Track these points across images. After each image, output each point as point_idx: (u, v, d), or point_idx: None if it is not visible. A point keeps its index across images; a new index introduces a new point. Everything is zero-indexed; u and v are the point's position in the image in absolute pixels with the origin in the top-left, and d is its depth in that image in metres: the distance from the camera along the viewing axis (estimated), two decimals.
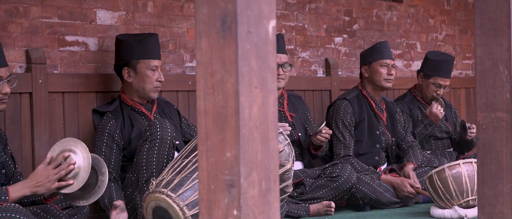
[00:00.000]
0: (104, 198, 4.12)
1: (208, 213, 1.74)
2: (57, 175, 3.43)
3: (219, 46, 1.73)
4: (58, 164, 3.44)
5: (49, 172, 3.42)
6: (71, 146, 3.51)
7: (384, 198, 4.96)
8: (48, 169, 3.43)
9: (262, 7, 1.76)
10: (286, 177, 4.06)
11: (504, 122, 2.47)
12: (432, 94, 5.76)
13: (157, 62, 4.40)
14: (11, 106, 4.17)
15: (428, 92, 5.78)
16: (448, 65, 5.76)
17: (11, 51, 4.23)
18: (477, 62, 2.52)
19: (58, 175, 3.43)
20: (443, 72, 5.73)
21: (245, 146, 1.71)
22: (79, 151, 3.49)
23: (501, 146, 2.48)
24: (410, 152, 5.38)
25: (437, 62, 5.75)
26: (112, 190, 4.15)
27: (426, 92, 5.79)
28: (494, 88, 2.49)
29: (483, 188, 2.52)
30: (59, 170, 3.44)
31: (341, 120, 5.22)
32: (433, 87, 5.74)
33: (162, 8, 4.90)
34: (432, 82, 5.73)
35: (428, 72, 5.75)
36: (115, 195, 4.14)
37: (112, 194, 4.13)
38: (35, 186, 3.41)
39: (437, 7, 6.89)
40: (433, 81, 5.73)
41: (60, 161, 3.45)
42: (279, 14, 5.61)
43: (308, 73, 5.81)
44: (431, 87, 5.75)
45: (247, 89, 1.72)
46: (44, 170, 3.43)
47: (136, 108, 4.43)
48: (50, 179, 3.42)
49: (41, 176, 3.42)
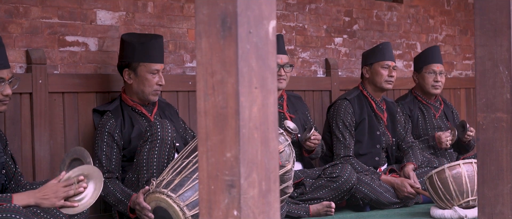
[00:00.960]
0: (115, 193, 4.11)
1: (208, 213, 1.74)
2: (65, 193, 3.51)
3: (219, 47, 1.73)
4: (70, 184, 3.50)
5: (58, 188, 3.50)
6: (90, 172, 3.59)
7: (384, 199, 4.96)
8: (58, 185, 3.50)
9: (262, 8, 1.76)
10: (287, 178, 4.06)
11: (504, 122, 2.47)
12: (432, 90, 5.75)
13: (158, 66, 4.37)
14: (11, 106, 4.17)
15: (429, 87, 5.77)
16: (435, 51, 5.81)
17: (11, 52, 4.23)
18: (477, 63, 2.52)
19: (66, 194, 3.51)
20: (432, 58, 5.76)
21: (245, 146, 1.71)
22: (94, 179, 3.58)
23: (501, 146, 2.48)
24: (410, 152, 5.38)
25: (423, 53, 5.84)
26: (122, 186, 4.15)
27: (427, 88, 5.78)
28: (494, 88, 2.49)
29: (483, 188, 2.52)
30: (69, 189, 3.51)
31: (341, 120, 5.22)
32: (429, 78, 5.74)
33: (162, 8, 4.90)
34: (425, 73, 5.75)
35: (418, 66, 5.78)
36: (126, 189, 4.13)
37: (124, 189, 4.13)
38: (41, 198, 3.47)
39: (437, 7, 6.89)
40: (426, 71, 5.74)
41: (73, 181, 3.51)
42: (279, 14, 5.61)
43: (308, 74, 5.81)
44: (427, 78, 5.75)
45: (247, 90, 1.72)
46: (54, 185, 3.51)
47: (136, 109, 4.43)
48: (58, 195, 3.49)
49: (50, 191, 3.49)
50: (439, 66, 5.76)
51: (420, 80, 5.80)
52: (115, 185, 4.15)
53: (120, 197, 4.10)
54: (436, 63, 5.76)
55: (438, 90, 5.78)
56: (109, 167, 4.23)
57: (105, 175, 4.20)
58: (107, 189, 4.15)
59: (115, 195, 4.12)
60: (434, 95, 5.84)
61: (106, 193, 4.15)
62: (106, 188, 4.15)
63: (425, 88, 5.78)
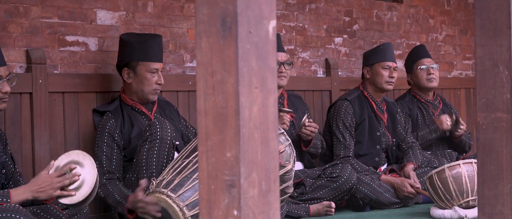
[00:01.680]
0: (114, 194, 4.11)
1: (208, 213, 1.74)
2: (60, 183, 3.46)
3: (219, 47, 1.73)
4: (63, 174, 3.47)
5: (53, 180, 3.46)
6: (80, 159, 3.55)
7: (384, 199, 4.96)
8: (52, 176, 3.47)
9: (262, 8, 1.76)
10: (287, 178, 4.06)
11: (504, 122, 2.47)
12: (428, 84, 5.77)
13: (157, 65, 4.38)
14: (11, 106, 4.17)
15: (424, 82, 5.78)
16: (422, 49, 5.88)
17: (11, 51, 4.23)
18: (477, 63, 2.52)
19: (61, 183, 3.46)
20: (422, 54, 5.87)
21: (245, 146, 1.71)
22: (87, 165, 3.53)
23: (501, 146, 2.48)
24: (410, 152, 5.38)
25: (410, 53, 5.91)
26: (121, 187, 4.15)
27: (423, 83, 5.78)
28: (494, 88, 2.49)
29: (483, 188, 2.51)
30: (63, 178, 3.47)
31: (341, 121, 5.22)
32: (422, 73, 5.78)
33: (162, 8, 4.90)
34: (417, 69, 5.80)
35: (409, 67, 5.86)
36: (125, 190, 4.13)
37: (122, 190, 4.12)
38: (37, 191, 3.44)
39: (437, 7, 6.89)
40: (417, 68, 5.80)
41: (65, 171, 3.48)
42: (279, 14, 5.61)
43: (308, 74, 5.81)
44: (420, 74, 5.78)
45: (247, 90, 1.72)
46: (47, 176, 3.47)
47: (136, 108, 4.43)
48: (53, 187, 3.45)
49: (44, 182, 3.45)
50: (428, 60, 5.79)
51: (414, 79, 5.82)
52: (114, 186, 4.15)
53: (118, 198, 4.10)
54: (426, 58, 5.79)
55: (434, 83, 5.78)
56: (110, 168, 4.23)
57: (105, 176, 4.20)
58: (107, 191, 4.15)
59: (114, 196, 4.12)
60: (431, 90, 5.84)
61: (105, 194, 4.15)
62: (106, 190, 4.15)
63: (421, 84, 5.78)
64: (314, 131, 4.90)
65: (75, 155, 3.56)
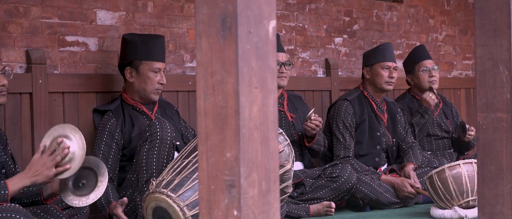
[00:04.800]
0: (101, 198, 4.11)
1: (208, 214, 1.74)
2: (53, 161, 3.40)
3: (219, 47, 1.73)
4: (53, 151, 3.42)
5: (45, 160, 3.40)
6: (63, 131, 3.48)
7: (384, 199, 4.96)
8: (43, 157, 3.40)
9: (262, 8, 1.76)
10: (286, 178, 4.06)
11: (504, 122, 2.47)
12: (429, 84, 5.77)
13: (160, 65, 4.41)
14: (11, 106, 4.17)
15: (425, 84, 5.78)
16: (422, 49, 5.87)
17: (11, 51, 4.24)
18: (477, 63, 2.52)
19: (54, 161, 3.40)
20: (423, 55, 5.83)
21: (245, 146, 1.71)
22: (72, 134, 3.46)
23: (501, 146, 2.48)
24: (410, 152, 5.38)
25: (411, 53, 5.88)
26: (109, 190, 4.14)
27: (424, 86, 5.78)
28: (494, 88, 2.49)
29: (483, 188, 2.52)
30: (55, 155, 3.41)
31: (341, 121, 5.21)
32: (424, 75, 5.76)
33: (162, 8, 4.90)
34: (419, 71, 5.79)
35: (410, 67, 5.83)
36: (112, 194, 4.13)
37: (109, 194, 4.12)
38: (33, 176, 3.39)
39: (437, 7, 6.89)
40: (419, 69, 5.79)
41: (54, 147, 3.43)
42: (279, 14, 5.61)
43: (308, 74, 5.81)
44: (422, 76, 5.77)
45: (247, 90, 1.72)
46: (39, 159, 3.41)
47: (137, 108, 4.44)
48: (47, 166, 3.39)
49: (37, 165, 3.40)
50: (430, 62, 5.78)
51: (415, 80, 5.81)
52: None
53: (103, 202, 4.11)
54: (427, 60, 5.78)
55: (435, 86, 5.79)
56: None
57: None
58: None
59: (100, 199, 4.12)
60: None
61: None
62: None
63: (423, 85, 5.78)
64: (319, 125, 4.89)
65: (57, 130, 3.49)
